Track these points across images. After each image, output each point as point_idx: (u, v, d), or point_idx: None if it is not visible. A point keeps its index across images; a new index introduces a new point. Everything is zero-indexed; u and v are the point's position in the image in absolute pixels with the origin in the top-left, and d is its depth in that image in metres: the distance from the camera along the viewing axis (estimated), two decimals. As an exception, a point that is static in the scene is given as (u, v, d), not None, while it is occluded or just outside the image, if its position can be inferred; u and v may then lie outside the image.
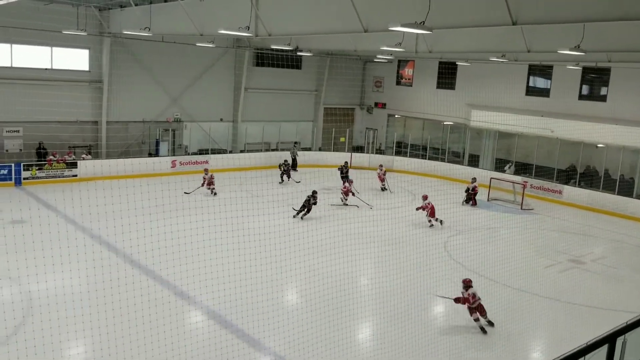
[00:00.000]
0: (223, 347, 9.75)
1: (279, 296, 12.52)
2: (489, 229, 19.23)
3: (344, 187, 21.47)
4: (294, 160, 27.85)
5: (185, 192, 20.35)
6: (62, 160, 22.51)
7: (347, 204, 20.79)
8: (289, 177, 24.68)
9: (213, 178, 21.49)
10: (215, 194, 21.20)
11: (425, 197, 18.68)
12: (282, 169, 24.90)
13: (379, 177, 24.39)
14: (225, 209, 18.14)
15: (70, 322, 9.56)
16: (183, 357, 9.24)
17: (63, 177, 22.14)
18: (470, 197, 22.77)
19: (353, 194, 21.28)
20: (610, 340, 3.88)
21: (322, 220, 18.57)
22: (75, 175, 22.46)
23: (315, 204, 19.03)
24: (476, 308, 11.36)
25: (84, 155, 23.60)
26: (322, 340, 10.18)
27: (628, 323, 5.22)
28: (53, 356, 8.76)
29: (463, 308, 11.65)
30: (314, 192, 19.19)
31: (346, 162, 25.35)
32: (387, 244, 16.42)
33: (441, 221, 18.63)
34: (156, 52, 25.44)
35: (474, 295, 11.35)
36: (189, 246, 13.37)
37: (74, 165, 22.64)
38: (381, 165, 24.97)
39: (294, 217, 18.74)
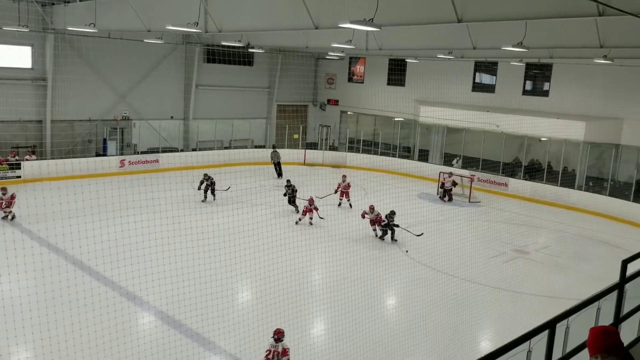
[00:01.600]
0: (173, 348, 9.68)
1: (229, 295, 12.44)
2: (437, 222, 19.72)
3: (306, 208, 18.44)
4: (278, 165, 26.45)
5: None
6: (4, 161, 21.71)
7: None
8: (212, 193, 20.67)
9: (14, 198, 17.06)
10: (13, 218, 16.83)
11: (372, 208, 17.16)
12: (205, 184, 20.63)
13: (341, 190, 20.89)
14: (173, 207, 18.02)
15: (17, 326, 9.29)
16: (134, 359, 9.13)
17: (6, 178, 21.34)
18: (447, 192, 23.27)
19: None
20: (550, 326, 4.10)
21: (272, 217, 18.59)
22: (19, 177, 21.70)
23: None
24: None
25: (27, 156, 22.81)
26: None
27: (567, 310, 5.52)
28: (5, 354, 8.50)
29: (414, 301, 11.95)
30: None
31: (288, 182, 20.12)
32: (337, 239, 16.62)
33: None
34: (102, 48, 24.84)
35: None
36: (135, 247, 13.11)
37: (17, 166, 21.87)
38: (345, 176, 21.45)
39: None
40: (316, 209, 17.91)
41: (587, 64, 20.82)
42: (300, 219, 18.07)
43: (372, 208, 17.08)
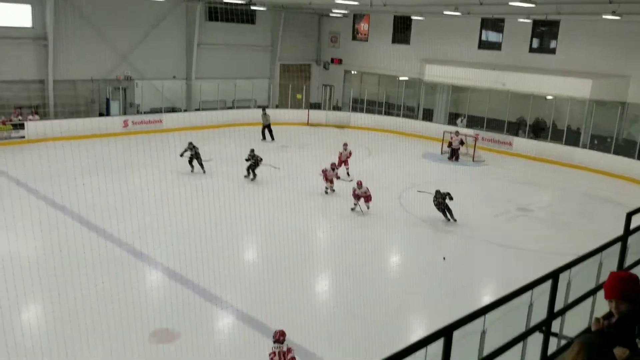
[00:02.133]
0: (179, 303, 9.87)
1: (234, 251, 12.58)
2: (441, 181, 19.70)
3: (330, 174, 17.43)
4: (268, 127, 25.37)
5: None
6: (8, 121, 21.69)
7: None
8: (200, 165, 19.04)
9: None
10: None
11: (360, 184, 15.65)
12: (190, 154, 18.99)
13: (340, 160, 19.47)
14: (178, 167, 18.07)
15: (26, 284, 9.45)
16: (142, 314, 9.29)
17: (10, 138, 21.37)
18: (454, 152, 23.22)
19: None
20: (553, 276, 4.15)
21: (278, 177, 18.63)
22: (23, 137, 21.71)
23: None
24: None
25: (30, 116, 22.76)
26: (281, 294, 10.44)
27: (571, 261, 5.59)
28: (10, 319, 8.67)
29: (416, 259, 12.07)
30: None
31: (252, 152, 18.52)
32: (343, 199, 16.69)
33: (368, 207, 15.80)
34: (103, 6, 24.47)
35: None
36: (142, 204, 13.27)
37: (21, 126, 21.85)
38: (346, 145, 19.96)
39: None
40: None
41: (596, 20, 20.44)
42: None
43: (360, 184, 15.52)
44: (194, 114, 27.06)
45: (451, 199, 14.81)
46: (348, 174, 19.18)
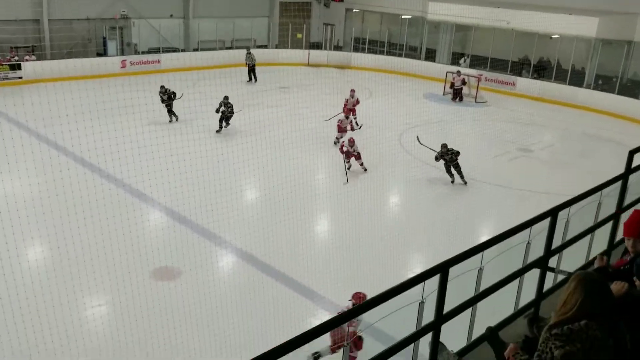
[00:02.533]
0: (183, 243, 10.02)
1: (236, 192, 12.65)
2: (442, 122, 19.64)
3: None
4: (253, 68, 24.85)
5: None
6: (4, 61, 21.37)
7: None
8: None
9: None
10: None
11: (352, 142, 14.37)
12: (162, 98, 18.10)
13: (349, 107, 18.21)
14: (177, 109, 17.91)
15: (25, 224, 9.50)
16: (143, 253, 9.44)
17: (7, 79, 21.12)
18: (457, 92, 22.97)
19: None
20: (552, 214, 4.17)
21: (278, 119, 18.52)
22: (20, 77, 21.45)
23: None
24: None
25: (27, 57, 22.41)
26: (280, 233, 10.59)
27: (570, 199, 5.63)
28: (8, 257, 8.81)
29: (417, 204, 12.17)
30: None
31: (226, 99, 17.03)
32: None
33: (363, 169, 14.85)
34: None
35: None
36: (143, 147, 13.21)
37: (18, 67, 21.55)
38: (353, 91, 18.54)
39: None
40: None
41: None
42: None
43: (352, 141, 14.32)
44: (192, 54, 26.60)
45: (458, 155, 13.62)
46: (357, 123, 18.13)
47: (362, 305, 2.69)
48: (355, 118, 18.17)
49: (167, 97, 17.66)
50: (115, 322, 8.00)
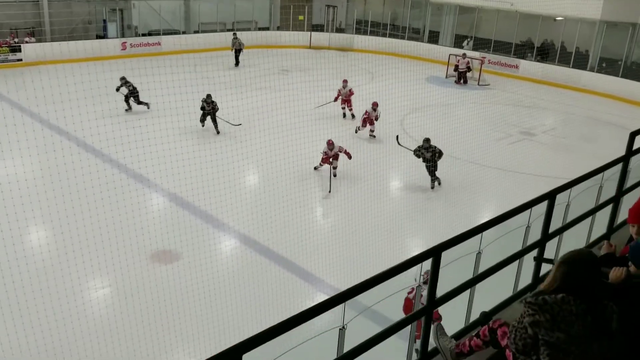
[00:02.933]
0: (183, 227, 10.05)
1: (236, 176, 12.61)
2: (445, 105, 19.54)
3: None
4: (238, 52, 24.15)
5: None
6: (4, 43, 21.25)
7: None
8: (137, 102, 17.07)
9: None
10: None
11: (330, 144, 12.92)
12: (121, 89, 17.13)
13: (343, 98, 17.71)
14: (180, 91, 17.81)
15: (26, 208, 9.51)
16: (143, 237, 9.43)
17: (7, 61, 21.02)
18: (461, 75, 22.82)
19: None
20: (550, 197, 4.14)
21: (279, 101, 18.41)
22: (20, 60, 21.36)
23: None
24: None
25: (26, 39, 22.28)
26: (281, 217, 10.59)
27: (569, 181, 5.61)
28: (10, 237, 8.83)
29: (418, 188, 12.14)
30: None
31: (209, 97, 15.76)
32: (344, 123, 16.59)
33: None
34: None
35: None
36: (146, 131, 13.16)
37: (17, 49, 21.44)
38: (346, 82, 17.80)
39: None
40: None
41: None
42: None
43: (330, 143, 12.84)
44: (193, 37, 26.42)
45: (439, 157, 12.50)
46: (353, 115, 17.58)
47: (358, 286, 2.68)
48: (350, 110, 17.66)
49: (133, 89, 16.67)
50: (113, 305, 8.08)
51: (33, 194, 9.73)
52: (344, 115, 17.76)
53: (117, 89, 16.66)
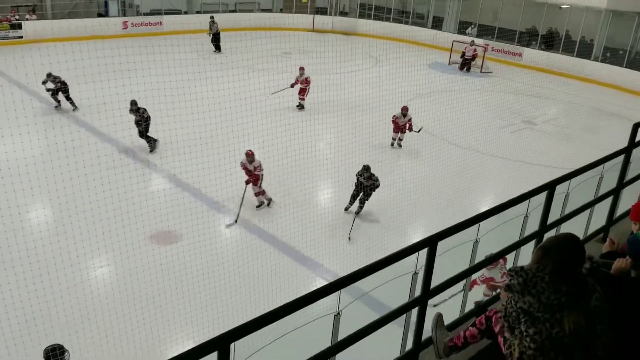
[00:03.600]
0: (184, 209, 10.05)
1: (238, 158, 12.57)
2: (448, 92, 19.44)
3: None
4: (216, 36, 23.08)
5: None
6: (5, 20, 21.09)
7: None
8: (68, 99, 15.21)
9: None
10: None
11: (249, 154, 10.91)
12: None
13: (301, 86, 16.42)
14: (182, 71, 17.71)
15: (25, 186, 9.46)
16: (143, 218, 9.41)
17: (8, 38, 20.88)
18: (466, 62, 22.67)
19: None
20: (549, 187, 4.12)
21: (280, 85, 18.32)
22: (21, 37, 21.21)
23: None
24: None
25: (27, 16, 22.11)
26: (281, 201, 10.58)
27: (570, 172, 5.58)
28: (10, 216, 8.83)
29: (419, 175, 12.10)
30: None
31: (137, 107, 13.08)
32: (346, 108, 16.48)
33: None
34: None
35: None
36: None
37: (19, 26, 21.28)
38: (302, 69, 16.59)
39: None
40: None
41: None
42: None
43: (249, 153, 10.88)
44: (195, 17, 26.19)
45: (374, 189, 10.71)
46: (301, 105, 16.50)
47: (356, 273, 2.68)
48: (302, 99, 16.49)
49: (61, 83, 14.94)
50: (111, 284, 8.13)
51: (32, 172, 9.69)
52: (299, 105, 16.60)
53: (43, 83, 14.87)
